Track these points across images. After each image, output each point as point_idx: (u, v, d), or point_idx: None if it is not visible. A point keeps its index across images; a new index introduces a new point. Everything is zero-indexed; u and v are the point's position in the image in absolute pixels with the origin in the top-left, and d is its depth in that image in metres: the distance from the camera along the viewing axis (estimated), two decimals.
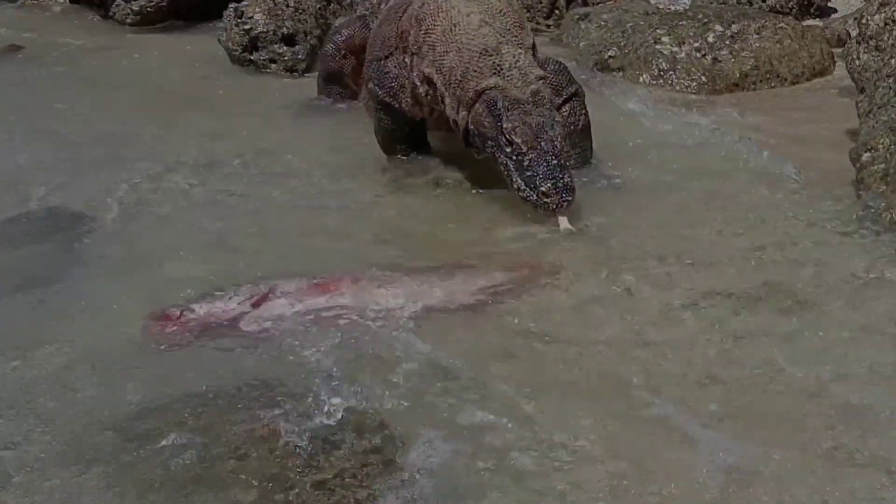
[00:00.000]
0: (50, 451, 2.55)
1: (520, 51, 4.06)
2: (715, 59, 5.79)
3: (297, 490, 2.31)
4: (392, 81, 4.38)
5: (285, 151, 4.77)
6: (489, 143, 3.90)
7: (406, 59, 4.32)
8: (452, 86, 4.07)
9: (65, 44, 6.96)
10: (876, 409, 2.71)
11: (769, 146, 4.66)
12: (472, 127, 3.99)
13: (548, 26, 7.17)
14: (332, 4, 6.96)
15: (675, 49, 5.85)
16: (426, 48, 4.18)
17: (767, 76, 5.84)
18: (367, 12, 5.45)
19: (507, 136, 3.79)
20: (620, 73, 5.93)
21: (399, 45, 4.40)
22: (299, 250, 3.73)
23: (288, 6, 6.40)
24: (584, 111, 4.40)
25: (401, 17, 4.43)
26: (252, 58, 6.22)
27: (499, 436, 2.58)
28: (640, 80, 5.81)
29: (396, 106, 4.41)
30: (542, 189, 3.70)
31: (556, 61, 4.47)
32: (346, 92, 5.35)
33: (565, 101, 4.35)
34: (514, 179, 3.79)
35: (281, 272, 3.42)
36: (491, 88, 3.93)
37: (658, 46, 5.88)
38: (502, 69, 3.96)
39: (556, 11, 7.28)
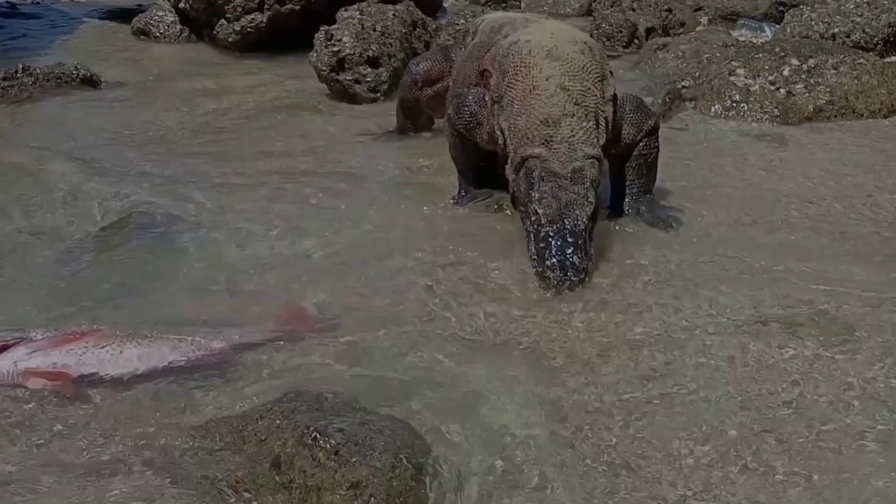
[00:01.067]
0: None
1: (584, 124, 3.86)
2: (789, 93, 5.59)
3: None
4: (470, 116, 4.26)
5: (355, 169, 4.73)
6: (521, 208, 3.78)
7: (486, 99, 4.19)
8: (515, 146, 3.94)
9: (166, 62, 7.05)
10: None
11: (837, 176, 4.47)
12: (514, 189, 3.88)
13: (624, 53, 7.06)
14: (417, 29, 6.93)
15: (749, 81, 5.66)
16: (506, 102, 4.02)
17: (843, 111, 5.60)
18: (450, 42, 5.38)
19: (534, 206, 3.65)
20: (693, 103, 5.75)
21: (480, 83, 4.29)
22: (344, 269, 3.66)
23: (374, 30, 6.40)
24: (657, 145, 4.23)
25: (483, 56, 4.33)
26: (339, 78, 6.20)
27: None
28: (712, 110, 5.63)
29: (471, 138, 4.31)
30: (548, 263, 3.52)
31: (635, 98, 4.28)
32: (422, 119, 5.28)
33: (645, 136, 4.20)
34: (529, 247, 3.64)
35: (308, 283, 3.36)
36: (535, 157, 3.79)
37: (732, 78, 5.70)
38: (552, 141, 3.77)
39: (636, 41, 7.13)
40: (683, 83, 5.99)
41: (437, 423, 2.63)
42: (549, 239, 3.54)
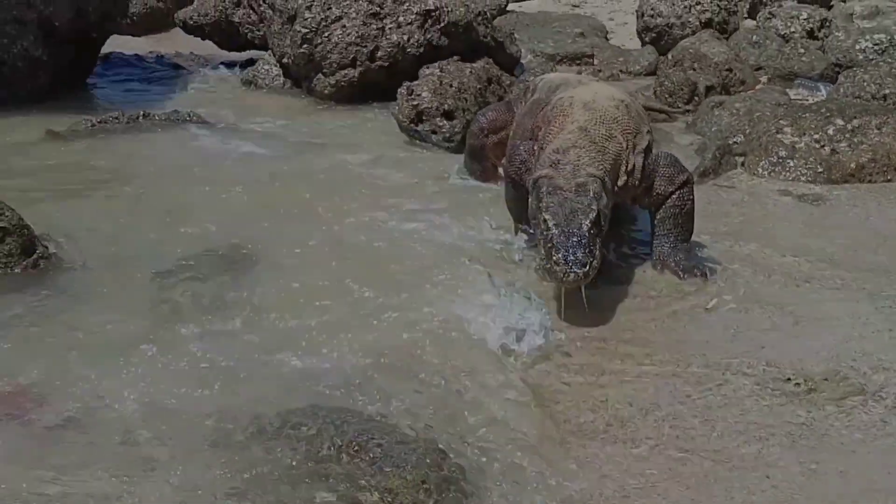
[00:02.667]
0: None
1: (591, 154, 4.03)
2: (833, 150, 5.57)
3: None
4: (520, 164, 4.45)
5: (422, 209, 4.92)
6: (534, 221, 3.94)
7: (535, 148, 4.39)
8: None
9: (268, 110, 7.34)
10: None
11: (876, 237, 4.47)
12: (530, 210, 4.01)
13: (686, 111, 7.08)
14: (492, 85, 7.09)
15: (796, 139, 5.65)
16: (546, 145, 4.23)
17: (884, 169, 5.56)
18: (513, 98, 5.57)
19: (543, 215, 3.79)
20: (742, 159, 5.77)
21: (532, 136, 4.53)
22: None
23: (451, 86, 6.58)
24: (691, 197, 4.32)
25: (538, 113, 4.54)
26: (417, 128, 6.40)
27: None
28: (760, 166, 5.63)
29: (522, 183, 4.45)
30: (554, 258, 3.65)
31: (670, 155, 4.43)
32: (487, 165, 5.46)
33: (677, 189, 4.28)
34: (540, 252, 3.79)
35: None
36: (543, 177, 3.94)
37: (779, 136, 5.70)
38: (559, 164, 3.98)
39: (696, 98, 7.16)
40: (735, 139, 6.01)
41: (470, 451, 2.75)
42: (555, 239, 3.68)
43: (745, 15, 10.75)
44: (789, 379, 3.22)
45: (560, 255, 3.63)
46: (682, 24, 9.17)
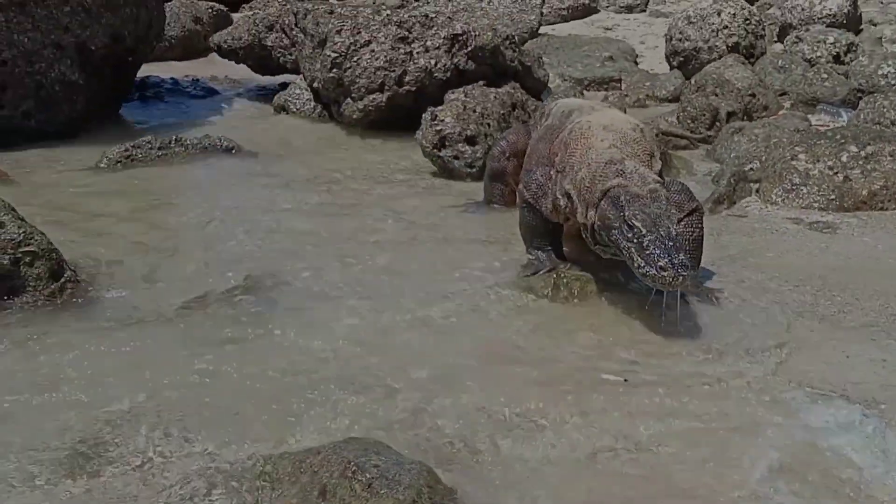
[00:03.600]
0: None
1: (642, 166, 4.28)
2: (846, 178, 5.74)
3: None
4: (537, 188, 4.68)
5: (440, 234, 5.21)
6: (613, 231, 4.08)
7: (552, 173, 4.62)
8: (583, 193, 4.31)
9: (294, 138, 7.68)
10: None
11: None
12: (598, 222, 4.20)
13: (708, 137, 7.27)
14: (516, 110, 7.34)
15: (810, 166, 5.83)
16: (568, 168, 4.48)
17: None
18: (532, 123, 5.80)
19: (629, 223, 3.98)
20: (757, 185, 5.96)
21: (548, 162, 4.75)
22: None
23: (475, 112, 6.84)
24: (700, 226, 4.52)
25: (554, 139, 4.78)
26: (440, 154, 6.65)
27: None
28: (774, 193, 5.82)
29: (538, 208, 4.68)
30: (660, 264, 3.82)
31: (679, 182, 4.67)
32: (507, 189, 5.67)
33: (686, 216, 4.48)
34: (635, 259, 3.94)
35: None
36: (615, 187, 4.15)
37: (794, 162, 5.89)
38: (624, 173, 4.20)
39: (718, 123, 7.36)
40: (751, 165, 6.20)
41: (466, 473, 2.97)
42: (653, 245, 3.87)
43: (775, 38, 10.94)
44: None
45: (666, 261, 3.81)
46: (709, 48, 9.38)
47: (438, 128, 6.68)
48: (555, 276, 4.54)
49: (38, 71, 7.45)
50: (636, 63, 10.71)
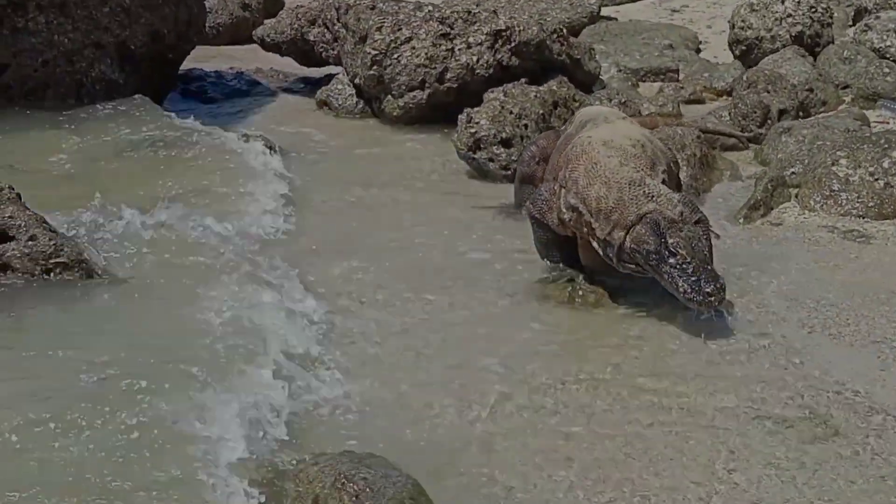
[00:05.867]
0: None
1: (656, 181, 4.64)
2: (887, 184, 5.92)
3: None
4: (542, 204, 5.08)
5: (461, 244, 5.56)
6: (652, 256, 4.49)
7: (555, 188, 4.98)
8: (604, 212, 4.66)
9: (333, 135, 8.08)
10: None
11: None
12: (632, 245, 4.56)
13: (759, 135, 7.44)
14: (558, 109, 7.61)
15: (850, 171, 6.02)
16: (570, 183, 4.85)
17: None
18: (563, 127, 6.12)
19: (672, 249, 4.42)
20: (796, 191, 6.16)
21: (553, 176, 5.17)
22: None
23: (511, 113, 7.15)
24: (706, 237, 4.79)
25: (562, 153, 5.14)
26: (475, 156, 6.99)
27: None
28: (812, 199, 6.02)
29: (545, 223, 5.04)
30: (707, 290, 4.34)
31: (684, 194, 4.94)
32: None
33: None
34: (678, 285, 4.40)
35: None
36: (652, 212, 4.50)
37: (834, 167, 6.08)
38: (653, 196, 4.57)
39: (769, 121, 7.54)
40: (792, 170, 6.41)
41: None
42: (698, 272, 4.37)
43: (850, 22, 10.97)
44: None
45: (713, 287, 4.34)
46: (772, 37, 9.49)
47: (473, 130, 7.00)
48: (570, 286, 4.90)
49: (78, 70, 8.00)
50: (698, 51, 10.85)
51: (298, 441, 3.62)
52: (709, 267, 4.41)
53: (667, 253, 4.41)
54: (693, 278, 4.35)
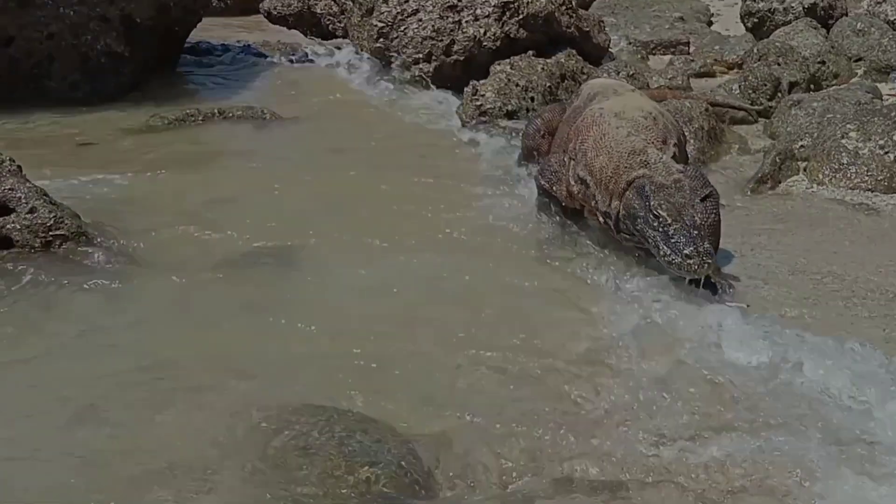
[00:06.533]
0: None
1: (663, 154, 4.64)
2: None
3: None
4: (552, 175, 5.09)
5: (460, 213, 5.54)
6: (638, 220, 4.46)
7: (565, 159, 4.99)
8: (604, 182, 4.68)
9: (338, 107, 8.12)
10: None
11: None
12: (623, 212, 4.55)
13: (769, 109, 7.45)
14: (565, 81, 7.64)
15: (860, 145, 6.02)
16: (580, 155, 4.86)
17: None
18: (568, 100, 6.13)
19: (655, 212, 4.37)
20: (805, 164, 6.17)
21: (563, 148, 5.12)
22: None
23: (517, 86, 7.19)
24: (715, 211, 4.80)
25: (572, 125, 5.12)
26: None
27: None
28: (821, 172, 6.03)
29: (553, 194, 5.06)
30: (686, 252, 4.23)
31: (695, 167, 4.95)
32: None
33: (700, 202, 4.79)
34: (660, 248, 4.33)
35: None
36: (640, 177, 4.51)
37: (844, 141, 6.09)
38: (649, 163, 4.56)
39: (779, 94, 7.54)
40: (802, 143, 6.41)
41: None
42: (679, 234, 4.28)
43: None
44: None
45: (691, 249, 4.23)
46: (784, 9, 9.51)
47: (479, 102, 7.05)
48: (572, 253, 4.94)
49: (84, 43, 8.01)
50: (710, 24, 10.86)
51: None
52: (695, 232, 4.27)
53: (651, 216, 4.36)
54: (673, 240, 4.26)
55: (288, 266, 4.80)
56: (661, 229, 4.31)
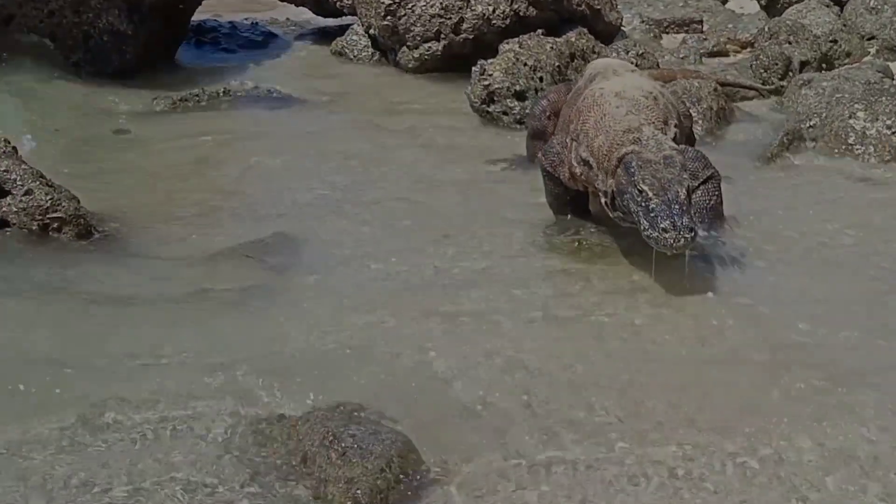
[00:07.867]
0: None
1: (660, 133, 4.73)
2: None
3: None
4: (554, 157, 5.19)
5: (468, 196, 5.71)
6: (626, 196, 4.52)
7: (567, 141, 5.10)
8: (601, 161, 4.79)
9: (345, 87, 8.27)
10: None
11: None
12: (614, 189, 4.67)
13: (780, 88, 7.55)
14: (575, 61, 7.71)
15: (868, 124, 6.14)
16: (582, 136, 4.95)
17: None
18: (572, 80, 6.24)
19: (638, 187, 4.43)
20: (813, 144, 6.28)
21: (565, 129, 5.24)
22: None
23: (525, 65, 7.27)
24: (717, 192, 4.92)
25: (573, 107, 5.25)
26: (489, 109, 7.13)
27: None
28: (828, 152, 6.14)
29: (556, 176, 5.18)
30: (662, 226, 4.26)
31: (696, 150, 5.05)
32: None
33: (702, 184, 4.91)
34: (641, 222, 4.39)
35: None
36: (629, 153, 4.62)
37: (851, 120, 6.20)
38: (640, 140, 4.66)
39: (790, 73, 7.64)
40: (810, 122, 6.52)
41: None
42: (657, 208, 4.31)
43: None
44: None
45: (668, 223, 4.25)
46: None
47: (486, 83, 7.15)
48: (578, 239, 5.06)
49: (85, 21, 8.12)
50: (724, 1, 10.92)
51: None
52: (675, 207, 4.28)
53: (636, 191, 4.41)
54: (651, 214, 4.29)
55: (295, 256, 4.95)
56: (642, 204, 4.37)
